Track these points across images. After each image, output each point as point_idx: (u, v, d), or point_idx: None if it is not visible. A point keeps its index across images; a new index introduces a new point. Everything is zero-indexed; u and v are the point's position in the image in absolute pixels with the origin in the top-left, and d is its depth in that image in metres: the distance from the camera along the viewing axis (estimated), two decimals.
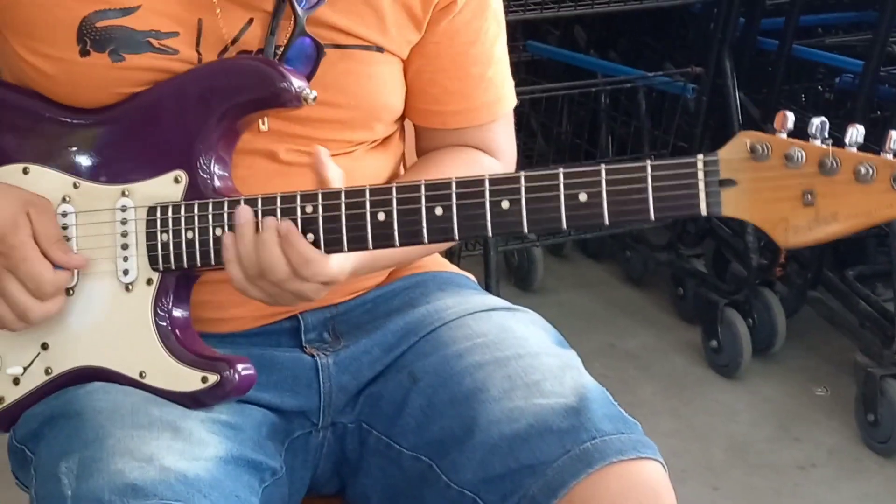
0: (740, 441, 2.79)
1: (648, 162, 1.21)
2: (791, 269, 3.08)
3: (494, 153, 1.51)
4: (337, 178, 1.29)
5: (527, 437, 1.30)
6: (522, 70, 3.29)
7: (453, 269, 1.57)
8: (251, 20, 1.36)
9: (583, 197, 1.23)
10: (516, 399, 1.33)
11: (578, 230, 3.14)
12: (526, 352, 1.39)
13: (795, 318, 3.06)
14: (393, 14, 1.40)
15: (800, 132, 1.19)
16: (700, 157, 1.20)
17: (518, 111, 1.55)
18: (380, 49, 1.41)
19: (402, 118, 1.50)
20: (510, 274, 3.36)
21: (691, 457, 2.70)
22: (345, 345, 1.44)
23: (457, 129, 1.48)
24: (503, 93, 1.50)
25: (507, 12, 1.52)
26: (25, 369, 1.36)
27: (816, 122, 1.18)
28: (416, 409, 1.38)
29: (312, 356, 1.42)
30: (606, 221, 1.23)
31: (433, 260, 1.56)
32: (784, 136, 1.18)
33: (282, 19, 1.35)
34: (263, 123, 1.38)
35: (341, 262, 1.29)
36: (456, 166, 1.44)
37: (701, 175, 1.20)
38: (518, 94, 1.55)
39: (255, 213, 1.28)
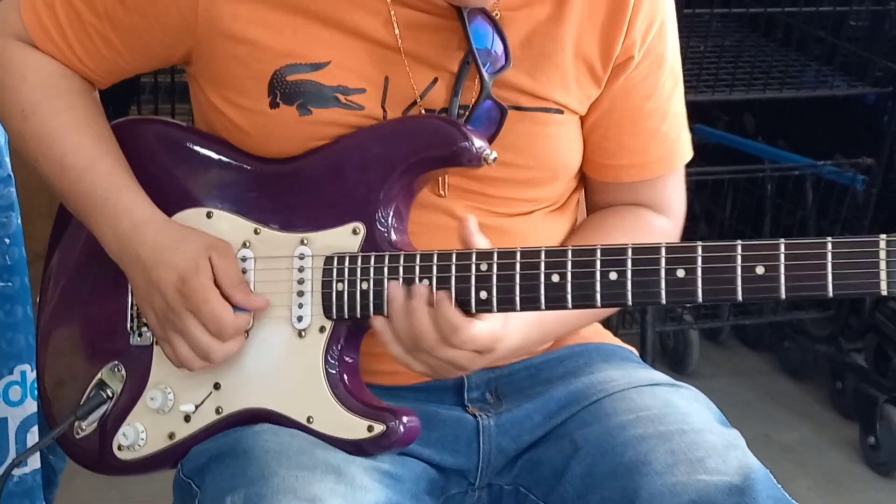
0: None
1: (829, 238, 1.20)
2: None
3: (664, 208, 1.50)
4: (484, 246, 1.29)
5: None
6: None
7: (617, 341, 1.56)
8: (436, 79, 1.38)
9: (760, 270, 1.22)
10: (679, 474, 1.31)
11: (752, 303, 3.08)
12: (690, 428, 1.37)
13: None
14: (574, 71, 1.41)
15: None
16: (883, 236, 1.19)
17: None
18: (559, 111, 1.42)
19: (580, 182, 1.51)
20: (665, 356, 3.31)
21: None
22: (507, 408, 1.44)
23: (629, 182, 1.48)
24: (677, 147, 1.50)
25: None
26: (197, 407, 1.39)
27: None
28: (576, 478, 1.37)
29: (474, 416, 1.43)
30: (783, 295, 1.21)
31: (597, 331, 1.55)
32: None
33: (465, 80, 1.37)
34: (443, 190, 1.40)
35: (494, 331, 1.29)
36: (624, 232, 1.45)
37: (883, 255, 1.19)
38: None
39: (406, 282, 1.29)
